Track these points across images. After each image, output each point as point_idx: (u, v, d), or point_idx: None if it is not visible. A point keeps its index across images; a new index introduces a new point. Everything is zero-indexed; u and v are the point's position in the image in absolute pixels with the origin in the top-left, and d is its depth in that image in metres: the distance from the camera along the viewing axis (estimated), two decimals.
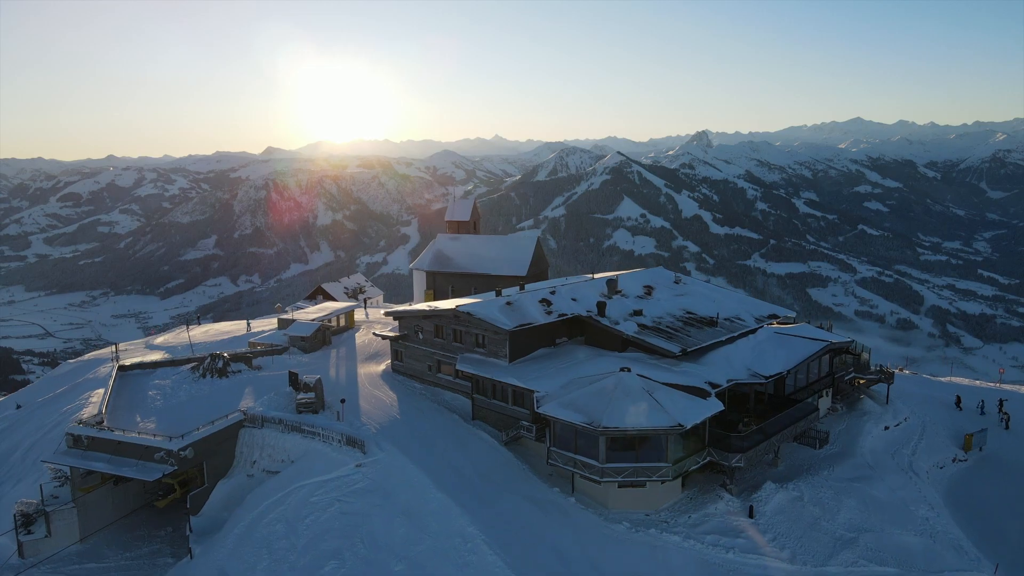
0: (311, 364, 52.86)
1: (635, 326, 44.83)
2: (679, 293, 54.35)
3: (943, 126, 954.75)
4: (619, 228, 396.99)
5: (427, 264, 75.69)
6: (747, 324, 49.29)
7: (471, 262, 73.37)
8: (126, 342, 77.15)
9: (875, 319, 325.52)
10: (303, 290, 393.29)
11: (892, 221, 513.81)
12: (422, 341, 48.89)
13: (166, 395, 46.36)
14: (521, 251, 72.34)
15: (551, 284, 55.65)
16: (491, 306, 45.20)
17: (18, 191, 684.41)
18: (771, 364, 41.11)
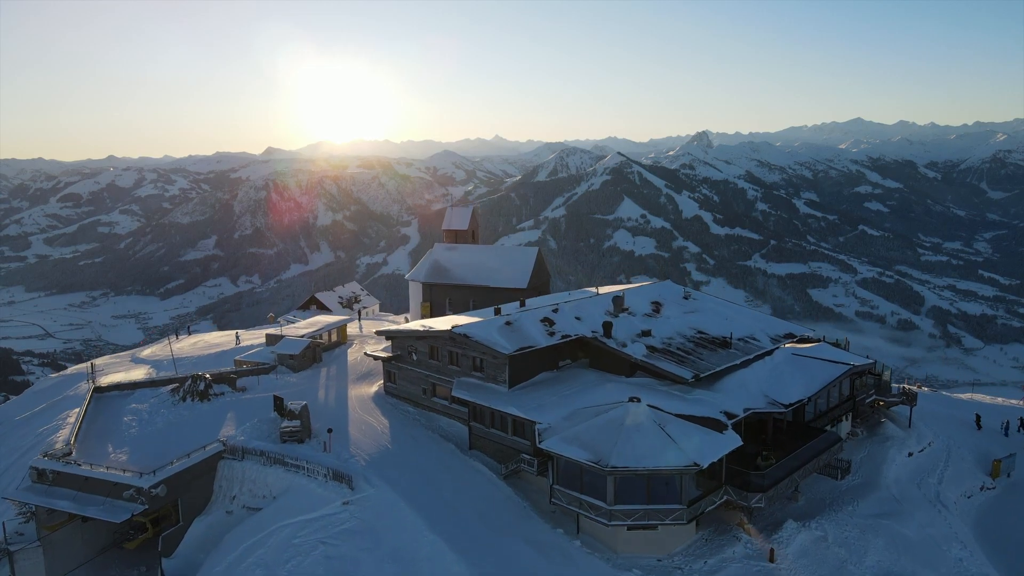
0: (299, 385, 50.31)
1: (643, 348, 42.23)
2: (689, 310, 51.50)
3: (943, 126, 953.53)
4: (619, 229, 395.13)
5: (423, 275, 72.29)
6: (763, 345, 46.49)
7: (470, 273, 70.15)
8: (109, 355, 74.93)
9: (876, 320, 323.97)
10: (303, 291, 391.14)
11: (892, 221, 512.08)
12: (416, 362, 46.12)
13: (142, 421, 43.57)
14: (522, 263, 69.36)
15: (553, 300, 52.85)
16: (489, 327, 42.31)
17: (18, 191, 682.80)
18: (790, 391, 38.57)
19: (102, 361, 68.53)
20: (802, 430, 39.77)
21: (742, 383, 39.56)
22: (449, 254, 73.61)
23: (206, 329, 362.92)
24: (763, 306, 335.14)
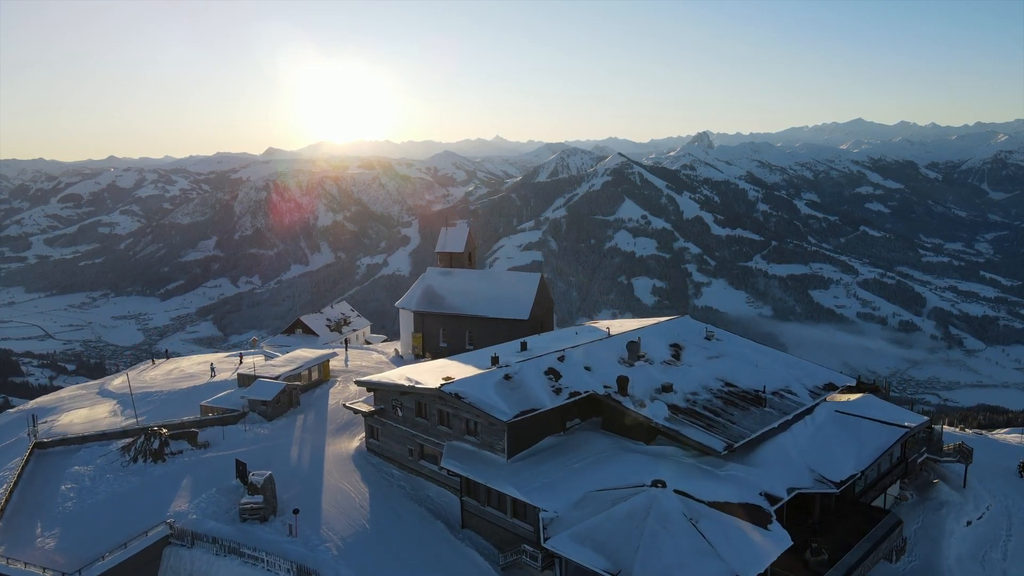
0: (270, 439, 44.67)
1: (665, 409, 36.18)
2: (713, 354, 45.31)
3: (944, 127, 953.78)
4: (620, 229, 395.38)
5: (415, 303, 65.17)
6: (800, 399, 40.61)
7: (465, 302, 63.15)
8: (77, 386, 70.21)
9: (877, 321, 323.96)
10: (303, 291, 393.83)
11: (893, 222, 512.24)
12: (402, 419, 39.81)
13: (83, 490, 37.47)
14: (523, 291, 62.39)
15: (558, 339, 46.74)
16: (485, 383, 36.10)
17: (19, 192, 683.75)
18: (839, 462, 33.35)
19: (68, 392, 64.49)
20: (854, 508, 34.59)
21: (782, 452, 34.02)
22: (443, 280, 66.61)
23: (207, 330, 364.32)
24: (764, 307, 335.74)
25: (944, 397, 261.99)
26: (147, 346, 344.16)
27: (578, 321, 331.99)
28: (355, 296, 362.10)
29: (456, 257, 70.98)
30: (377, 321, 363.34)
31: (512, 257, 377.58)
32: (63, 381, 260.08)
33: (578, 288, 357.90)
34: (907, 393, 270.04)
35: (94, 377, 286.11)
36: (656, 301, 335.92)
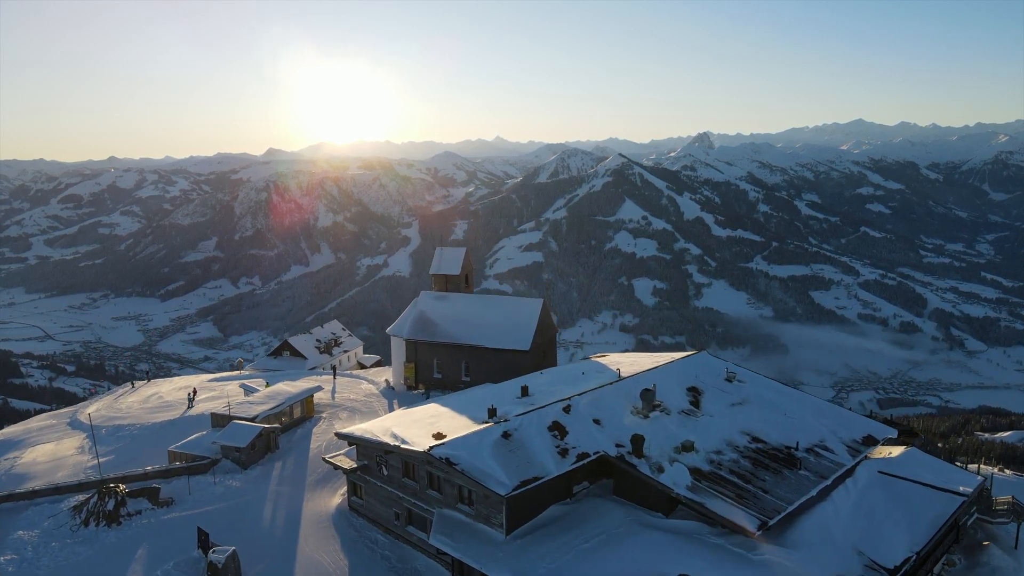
0: (241, 493, 40.02)
1: (687, 474, 31.40)
2: (736, 400, 40.43)
3: (945, 127, 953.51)
4: (620, 230, 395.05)
5: (407, 330, 60.46)
6: (838, 458, 35.81)
7: (461, 330, 58.66)
8: (48, 414, 67.76)
9: (878, 322, 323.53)
10: (303, 292, 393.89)
11: (894, 223, 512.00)
12: (387, 479, 34.91)
13: (24, 562, 32.82)
14: (523, 318, 57.53)
15: (563, 384, 41.04)
16: (480, 444, 31.53)
17: (19, 192, 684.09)
18: (890, 542, 28.78)
19: (37, 423, 62.12)
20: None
21: (823, 529, 29.75)
22: (438, 305, 61.97)
23: (207, 331, 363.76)
24: (765, 308, 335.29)
25: (945, 399, 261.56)
26: (147, 347, 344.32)
27: (579, 323, 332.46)
28: (355, 297, 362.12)
29: (452, 280, 65.65)
30: (377, 322, 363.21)
31: (512, 258, 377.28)
32: (62, 382, 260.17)
33: (578, 289, 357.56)
34: (908, 395, 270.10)
35: (93, 378, 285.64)
36: (656, 302, 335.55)
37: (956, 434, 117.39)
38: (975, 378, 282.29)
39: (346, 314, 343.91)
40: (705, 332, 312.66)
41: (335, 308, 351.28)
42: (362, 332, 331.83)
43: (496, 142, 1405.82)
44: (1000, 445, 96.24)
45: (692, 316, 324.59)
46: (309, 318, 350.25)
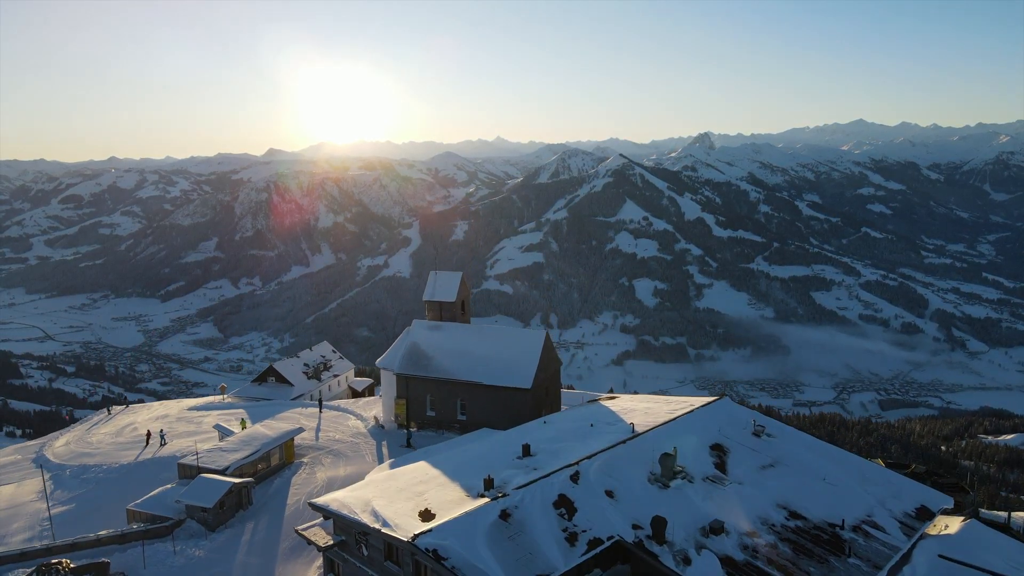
0: (204, 565, 35.21)
1: (719, 567, 26.62)
2: (766, 462, 34.88)
3: (946, 128, 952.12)
4: (621, 231, 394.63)
5: (398, 363, 55.44)
6: (891, 538, 31.06)
7: (457, 364, 53.77)
8: (13, 447, 65.07)
9: (879, 323, 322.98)
10: (304, 293, 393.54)
11: (895, 223, 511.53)
12: (367, 560, 29.84)
13: None
14: (524, 351, 52.66)
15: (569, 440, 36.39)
16: (474, 529, 26.98)
17: (20, 193, 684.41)
18: None
19: (3, 457, 58.86)
20: None
21: None
22: (432, 335, 56.72)
23: (207, 332, 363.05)
24: (766, 308, 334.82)
25: (947, 400, 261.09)
26: (147, 348, 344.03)
27: (580, 323, 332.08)
28: (355, 297, 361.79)
29: (447, 307, 60.03)
30: (377, 323, 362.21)
31: (513, 258, 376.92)
32: (62, 383, 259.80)
33: (579, 290, 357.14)
34: (909, 396, 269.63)
35: (93, 379, 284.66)
36: (657, 303, 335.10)
37: (959, 437, 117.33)
38: (977, 379, 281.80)
39: (346, 315, 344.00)
40: (706, 333, 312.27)
41: (335, 309, 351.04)
42: (362, 333, 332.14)
43: (497, 142, 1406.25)
44: (1004, 448, 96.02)
45: (693, 317, 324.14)
46: (309, 319, 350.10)
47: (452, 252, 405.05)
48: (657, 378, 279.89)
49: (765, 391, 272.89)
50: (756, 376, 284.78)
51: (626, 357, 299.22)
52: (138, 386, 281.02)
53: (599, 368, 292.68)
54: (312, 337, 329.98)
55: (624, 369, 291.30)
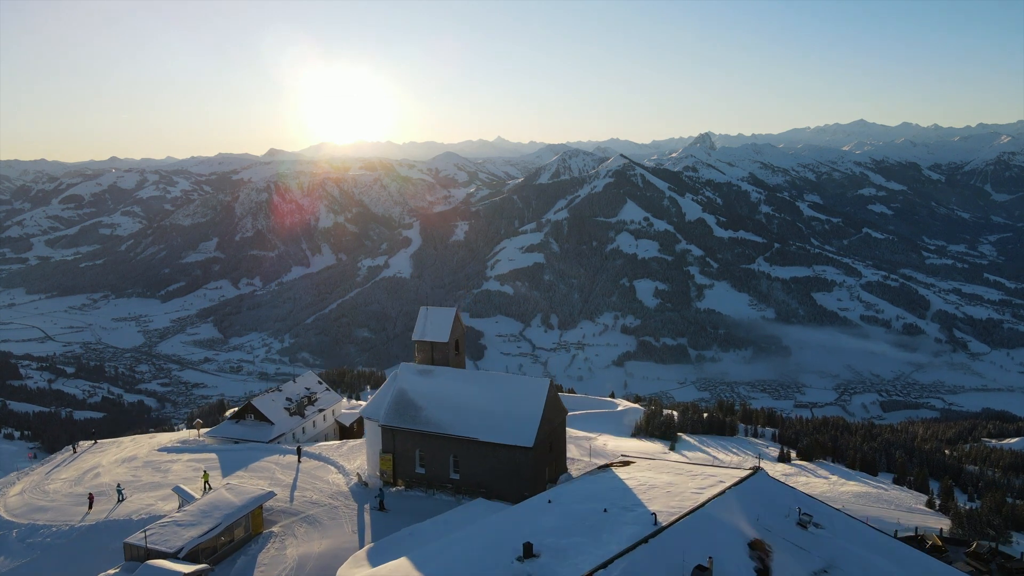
0: None
1: None
2: (817, 567, 28.24)
3: (947, 128, 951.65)
4: (622, 231, 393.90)
5: (384, 414, 49.05)
6: None
7: (450, 417, 47.34)
8: None
9: (881, 324, 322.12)
10: (304, 293, 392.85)
11: (896, 224, 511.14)
12: None
13: None
14: (526, 402, 46.17)
15: (579, 533, 29.72)
16: None
17: (20, 193, 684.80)
18: None
19: None
20: None
21: None
22: (422, 382, 50.13)
23: (207, 332, 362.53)
24: (767, 309, 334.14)
25: (949, 401, 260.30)
26: (147, 348, 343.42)
27: (580, 324, 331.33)
28: (356, 298, 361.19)
29: (439, 348, 52.89)
30: (377, 323, 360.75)
31: (513, 259, 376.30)
32: (62, 384, 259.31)
33: (580, 290, 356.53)
34: (911, 397, 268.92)
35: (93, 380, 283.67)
36: (658, 304, 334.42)
37: (963, 441, 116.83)
38: (978, 381, 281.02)
39: (347, 315, 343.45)
40: (707, 334, 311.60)
41: (336, 309, 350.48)
42: (362, 334, 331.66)
43: (497, 142, 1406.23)
44: (1009, 453, 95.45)
45: (694, 318, 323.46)
46: (310, 319, 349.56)
47: (452, 252, 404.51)
48: (658, 379, 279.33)
49: (766, 392, 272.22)
50: (757, 377, 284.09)
51: (627, 358, 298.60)
52: (138, 387, 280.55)
53: (600, 369, 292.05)
54: (312, 338, 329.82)
55: (625, 370, 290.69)
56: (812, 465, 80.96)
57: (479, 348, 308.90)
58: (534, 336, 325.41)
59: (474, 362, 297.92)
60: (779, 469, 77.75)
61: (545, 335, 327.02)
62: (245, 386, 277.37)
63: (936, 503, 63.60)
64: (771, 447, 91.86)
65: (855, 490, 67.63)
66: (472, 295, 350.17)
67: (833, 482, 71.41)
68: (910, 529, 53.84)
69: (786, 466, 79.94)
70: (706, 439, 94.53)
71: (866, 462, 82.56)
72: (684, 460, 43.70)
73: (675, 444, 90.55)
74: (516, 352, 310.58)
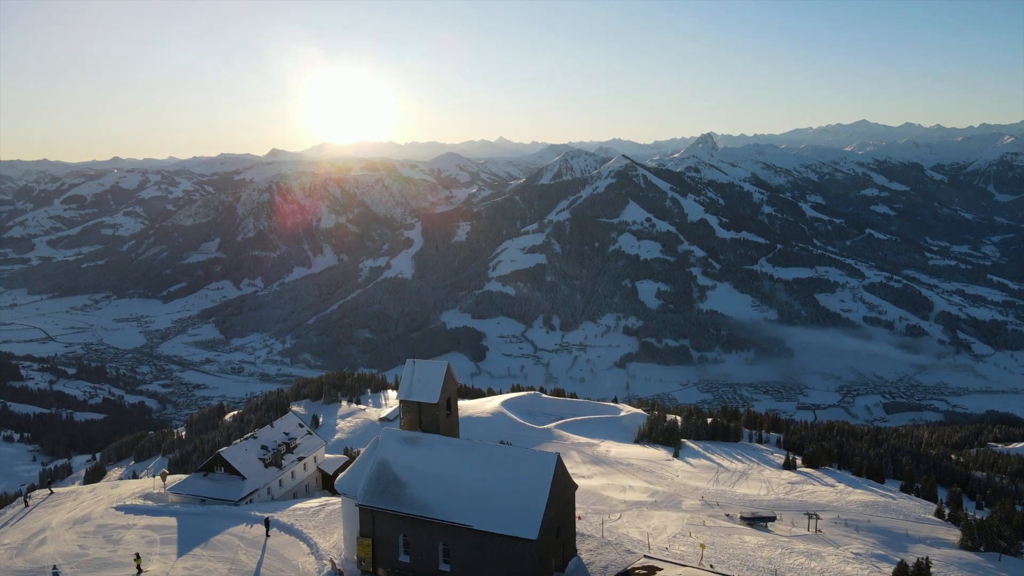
0: None
1: None
2: None
3: (949, 128, 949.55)
4: (624, 232, 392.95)
5: (362, 491, 40.36)
6: None
7: (440, 497, 38.99)
8: None
9: (884, 325, 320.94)
10: (306, 294, 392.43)
11: (899, 225, 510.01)
12: None
13: None
14: (529, 482, 37.92)
15: None
16: None
17: (23, 193, 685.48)
18: None
19: None
20: None
21: None
22: (407, 453, 41.53)
23: (208, 333, 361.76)
24: (769, 311, 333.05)
25: (952, 404, 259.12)
26: (148, 349, 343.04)
27: (582, 325, 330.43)
28: (357, 299, 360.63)
29: (427, 410, 43.82)
30: (379, 324, 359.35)
31: (515, 260, 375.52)
32: (63, 385, 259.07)
33: (582, 291, 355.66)
34: (914, 399, 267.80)
35: (94, 381, 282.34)
36: (660, 305, 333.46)
37: (969, 445, 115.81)
38: (982, 382, 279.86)
39: (348, 316, 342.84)
40: (709, 335, 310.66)
41: (337, 310, 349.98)
42: (363, 335, 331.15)
43: (499, 142, 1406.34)
44: (1016, 458, 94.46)
45: (696, 319, 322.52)
46: (311, 320, 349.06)
47: (454, 253, 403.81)
48: (660, 381, 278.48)
49: (769, 394, 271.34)
50: (759, 379, 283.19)
51: (629, 359, 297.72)
52: (139, 388, 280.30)
53: (602, 371, 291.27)
54: (314, 339, 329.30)
55: (627, 371, 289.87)
56: (818, 472, 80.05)
57: (481, 349, 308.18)
58: (536, 337, 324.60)
59: (476, 363, 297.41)
60: (785, 477, 76.88)
61: (547, 336, 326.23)
62: (246, 387, 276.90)
63: (945, 512, 62.64)
64: (776, 453, 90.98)
65: (862, 499, 66.74)
66: (474, 296, 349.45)
67: (840, 490, 70.51)
68: (921, 540, 52.98)
69: (792, 473, 79.08)
70: (710, 445, 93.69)
71: (872, 469, 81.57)
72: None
73: (679, 451, 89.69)
74: (518, 353, 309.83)
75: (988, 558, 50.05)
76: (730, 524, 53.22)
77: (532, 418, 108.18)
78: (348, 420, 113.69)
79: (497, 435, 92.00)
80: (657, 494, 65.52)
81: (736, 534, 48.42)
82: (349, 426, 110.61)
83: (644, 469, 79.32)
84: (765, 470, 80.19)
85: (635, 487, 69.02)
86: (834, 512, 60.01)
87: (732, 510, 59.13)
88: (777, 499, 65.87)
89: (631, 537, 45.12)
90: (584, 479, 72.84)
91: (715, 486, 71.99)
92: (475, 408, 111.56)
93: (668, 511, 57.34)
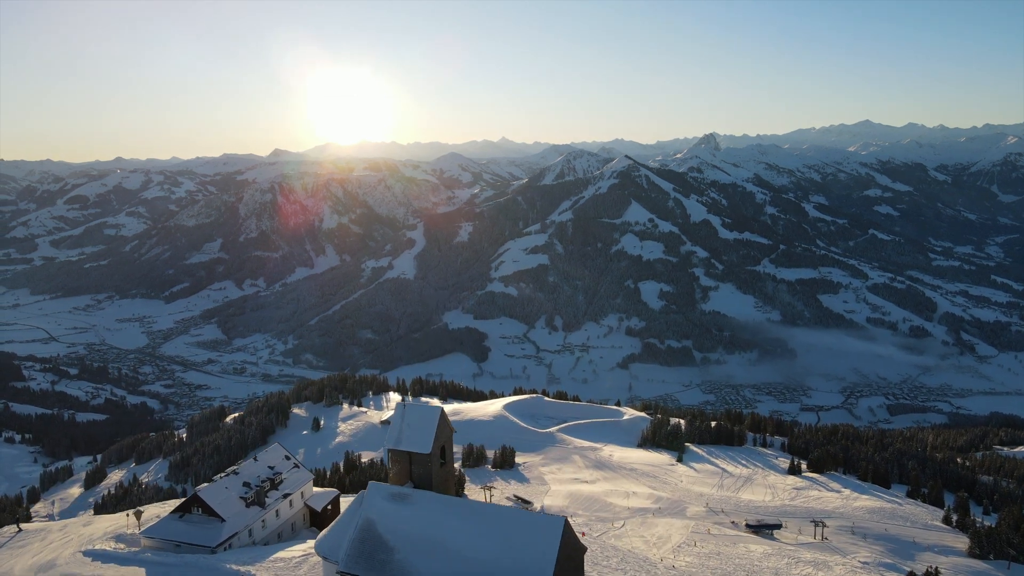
0: None
1: None
2: None
3: (953, 129, 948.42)
4: (627, 233, 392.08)
5: (344, 556, 34.62)
6: None
7: (432, 567, 33.18)
8: None
9: (887, 326, 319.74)
10: (308, 295, 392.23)
11: (903, 225, 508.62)
12: None
13: None
14: (535, 550, 32.24)
15: None
16: None
17: (26, 193, 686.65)
18: None
19: None
20: None
21: None
22: (395, 512, 35.83)
23: (211, 333, 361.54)
24: (772, 312, 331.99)
25: (956, 405, 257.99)
26: (151, 349, 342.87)
27: (585, 326, 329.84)
28: (359, 299, 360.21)
29: (419, 461, 38.90)
30: (381, 324, 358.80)
31: (518, 260, 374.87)
32: (65, 385, 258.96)
33: (584, 292, 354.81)
34: (918, 401, 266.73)
35: (96, 381, 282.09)
36: (663, 305, 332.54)
37: (975, 448, 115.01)
38: (986, 384, 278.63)
39: (350, 316, 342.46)
40: (712, 336, 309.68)
41: (339, 311, 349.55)
42: (366, 336, 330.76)
43: (501, 143, 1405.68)
44: (1023, 462, 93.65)
45: (699, 320, 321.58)
46: (313, 320, 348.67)
47: (457, 254, 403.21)
48: (663, 382, 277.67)
49: (772, 395, 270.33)
50: (762, 380, 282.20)
51: (631, 360, 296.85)
52: (141, 388, 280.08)
53: (604, 372, 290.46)
54: (316, 339, 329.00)
55: (630, 372, 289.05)
56: (823, 477, 79.32)
57: (483, 350, 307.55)
58: (538, 338, 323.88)
59: (478, 364, 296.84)
60: (790, 482, 76.17)
61: (549, 337, 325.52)
62: (248, 388, 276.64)
63: (953, 519, 61.98)
64: (780, 458, 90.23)
65: (869, 505, 66.03)
66: (476, 296, 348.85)
67: (846, 496, 69.78)
68: (929, 548, 52.32)
69: (797, 478, 78.37)
70: (714, 450, 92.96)
71: (878, 474, 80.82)
72: None
73: (682, 455, 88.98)
74: (520, 354, 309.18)
75: (997, 566, 49.40)
76: (735, 532, 52.59)
77: (534, 421, 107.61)
78: (349, 423, 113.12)
79: (499, 439, 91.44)
80: (661, 500, 64.86)
81: (742, 543, 47.79)
82: (350, 429, 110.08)
83: (648, 474, 78.65)
84: (770, 475, 79.47)
85: (639, 493, 68.37)
86: (840, 519, 59.34)
87: (737, 517, 58.48)
88: (783, 505, 65.18)
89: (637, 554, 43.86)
90: (587, 484, 72.21)
91: (720, 492, 71.30)
92: (477, 411, 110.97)
93: (672, 518, 56.71)
